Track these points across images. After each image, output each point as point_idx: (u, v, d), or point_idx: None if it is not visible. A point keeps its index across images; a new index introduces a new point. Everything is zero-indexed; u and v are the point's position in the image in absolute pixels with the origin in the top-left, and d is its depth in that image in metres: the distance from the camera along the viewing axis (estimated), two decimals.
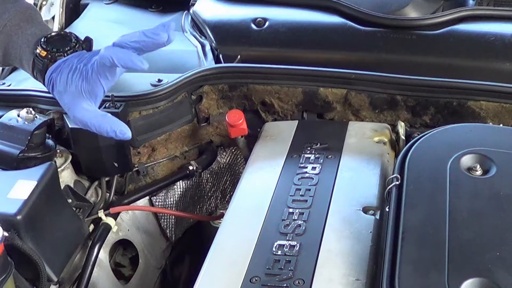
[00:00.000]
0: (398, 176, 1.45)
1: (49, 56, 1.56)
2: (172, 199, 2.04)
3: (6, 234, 1.43)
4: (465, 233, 1.30)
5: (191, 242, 2.18)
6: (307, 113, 1.97)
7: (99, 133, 1.54)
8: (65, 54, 1.57)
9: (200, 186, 2.12)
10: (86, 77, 1.50)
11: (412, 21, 2.08)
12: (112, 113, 1.73)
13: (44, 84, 1.60)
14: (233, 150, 2.12)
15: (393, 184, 1.44)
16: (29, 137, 1.70)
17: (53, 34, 1.61)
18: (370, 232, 1.46)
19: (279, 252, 1.42)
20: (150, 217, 2.05)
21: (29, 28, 1.61)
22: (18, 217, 1.50)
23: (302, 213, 1.52)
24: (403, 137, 1.78)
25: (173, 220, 2.07)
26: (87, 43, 1.64)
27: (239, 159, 2.13)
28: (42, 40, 1.59)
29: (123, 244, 2.00)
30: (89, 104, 1.52)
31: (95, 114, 1.52)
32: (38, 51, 1.57)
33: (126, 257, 2.03)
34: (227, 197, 2.19)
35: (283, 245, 1.43)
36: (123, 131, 1.53)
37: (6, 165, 1.70)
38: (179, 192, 2.06)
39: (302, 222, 1.50)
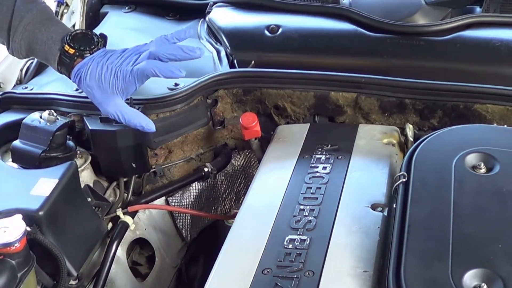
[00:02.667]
0: (405, 173, 1.50)
1: (77, 53, 1.67)
2: (187, 200, 2.09)
3: (28, 229, 1.48)
4: (469, 227, 1.35)
5: (206, 242, 2.22)
6: (319, 116, 2.02)
7: (128, 125, 1.73)
8: (91, 52, 1.69)
9: (214, 188, 2.17)
10: (124, 78, 1.66)
11: (421, 28, 2.13)
12: None
13: (69, 77, 1.72)
14: (247, 153, 2.18)
15: (400, 181, 1.50)
16: (51, 138, 1.77)
17: (77, 32, 1.71)
18: (378, 227, 1.51)
19: (290, 246, 1.47)
20: (166, 217, 2.10)
21: (51, 26, 1.70)
22: (40, 213, 1.55)
23: (313, 210, 1.58)
24: (412, 139, 1.83)
25: (188, 221, 2.12)
26: (104, 40, 1.77)
27: (253, 162, 2.18)
28: (68, 38, 1.68)
29: (140, 243, 2.04)
30: (121, 100, 1.69)
31: (126, 109, 1.70)
32: (66, 48, 1.67)
33: (143, 255, 2.07)
34: (241, 199, 2.21)
35: (294, 239, 1.49)
36: (149, 125, 1.73)
37: (28, 164, 1.76)
38: (195, 193, 2.11)
39: (312, 218, 1.55)
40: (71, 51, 1.68)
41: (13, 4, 1.66)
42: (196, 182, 2.10)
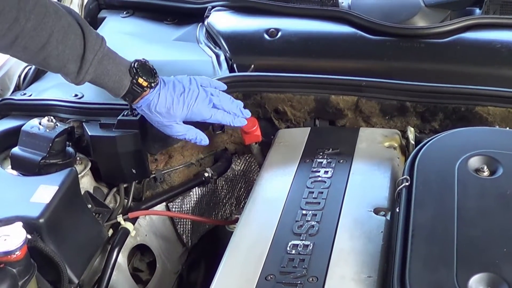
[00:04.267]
0: (408, 177, 1.49)
1: (149, 86, 1.75)
2: (188, 205, 2.09)
3: (29, 236, 1.47)
4: (473, 231, 1.33)
5: (206, 247, 2.22)
6: (319, 120, 2.01)
7: (189, 141, 1.85)
8: (156, 82, 1.78)
9: (215, 193, 2.16)
10: (197, 112, 1.80)
11: (421, 30, 2.11)
12: (131, 121, 1.81)
13: (131, 103, 1.79)
14: (248, 158, 2.17)
15: (403, 185, 1.48)
16: (50, 144, 1.76)
17: (139, 63, 1.76)
18: (381, 232, 1.50)
19: (293, 251, 1.46)
20: (167, 223, 2.09)
21: (115, 57, 1.75)
22: (41, 220, 1.55)
23: (315, 215, 1.57)
24: (413, 142, 1.81)
25: (189, 226, 2.12)
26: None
27: (254, 166, 2.17)
28: (137, 70, 1.74)
29: (141, 249, 2.03)
30: (182, 122, 1.81)
31: (188, 128, 1.82)
32: (140, 81, 1.74)
33: (144, 262, 2.06)
34: (242, 203, 2.23)
35: (297, 244, 1.48)
36: (206, 139, 1.86)
37: (28, 171, 1.75)
38: (195, 199, 2.10)
39: (315, 223, 1.54)
40: (145, 83, 1.74)
41: (82, 37, 1.66)
42: (196, 187, 2.09)
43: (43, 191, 1.62)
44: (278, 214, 1.59)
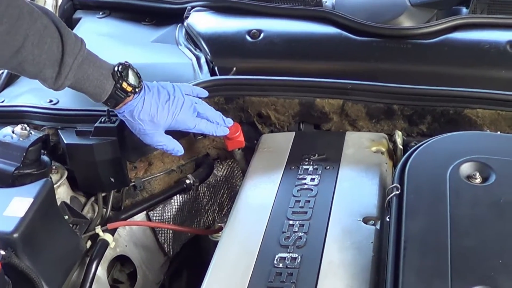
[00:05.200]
0: (398, 185, 1.45)
1: (133, 90, 1.69)
2: (169, 214, 2.03)
3: (3, 252, 1.42)
4: (467, 241, 1.29)
5: (189, 256, 2.17)
6: (304, 124, 1.96)
7: (166, 151, 1.79)
8: (141, 88, 1.72)
9: (197, 200, 2.11)
10: (182, 121, 1.76)
11: (407, 31, 2.08)
12: (108, 128, 1.76)
13: (113, 109, 1.72)
14: (230, 163, 2.12)
15: (394, 193, 1.44)
16: (24, 154, 1.70)
17: (123, 66, 1.69)
18: (371, 242, 1.45)
19: (281, 265, 1.41)
20: (148, 232, 2.03)
21: (95, 60, 1.67)
22: (15, 235, 1.48)
23: (303, 225, 1.51)
24: (401, 146, 1.78)
25: (171, 235, 2.06)
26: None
27: (236, 171, 2.12)
28: (121, 74, 1.68)
29: (121, 260, 1.98)
30: (163, 133, 1.76)
31: (169, 139, 1.78)
32: (124, 86, 1.67)
33: (124, 273, 2.00)
34: (225, 210, 2.18)
35: (285, 257, 1.42)
36: (181, 150, 1.80)
37: (1, 182, 1.68)
38: (176, 206, 2.04)
39: (302, 234, 1.49)
40: (129, 88, 1.68)
41: (60, 41, 1.58)
42: (177, 195, 2.04)
43: (17, 204, 1.56)
44: (264, 224, 1.54)
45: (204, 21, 2.26)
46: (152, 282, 2.04)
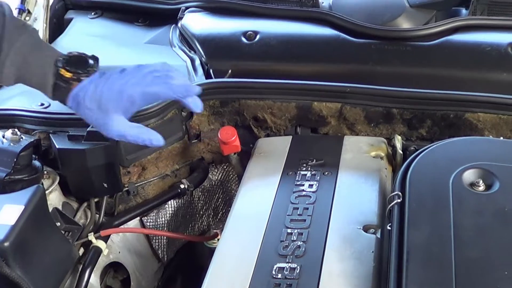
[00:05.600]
0: (400, 193, 1.41)
1: (74, 77, 1.55)
2: (163, 219, 1.99)
3: None
4: (471, 252, 1.26)
5: (183, 262, 2.13)
6: (301, 127, 1.93)
7: (135, 143, 1.56)
8: (88, 75, 1.57)
9: (192, 205, 2.07)
10: (129, 98, 1.53)
11: (407, 32, 2.05)
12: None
13: (65, 103, 1.58)
14: (225, 167, 2.08)
15: (395, 201, 1.41)
16: (15, 159, 1.65)
17: (71, 55, 1.59)
18: (372, 252, 1.42)
19: (279, 276, 1.37)
20: (142, 238, 2.00)
21: (44, 50, 1.59)
22: (6, 244, 1.45)
23: (301, 234, 1.48)
24: (400, 151, 1.75)
25: (164, 241, 2.02)
26: (97, 62, 1.64)
27: (231, 175, 2.09)
28: (62, 61, 1.56)
29: (114, 266, 1.94)
30: (123, 119, 1.55)
31: (132, 127, 1.56)
32: (62, 72, 1.55)
33: (117, 279, 1.97)
34: (220, 215, 2.15)
35: (283, 267, 1.39)
36: (158, 139, 1.58)
37: None
38: (171, 212, 2.01)
39: (301, 243, 1.45)
40: (68, 75, 1.55)
41: (1, 27, 1.53)
42: (172, 200, 2.00)
43: (8, 211, 1.52)
44: (262, 233, 1.50)
45: (198, 22, 2.22)
46: None
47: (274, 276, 1.37)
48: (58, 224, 1.71)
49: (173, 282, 2.14)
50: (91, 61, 1.60)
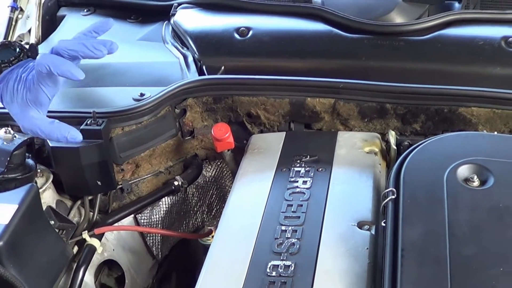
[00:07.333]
0: (394, 190, 1.41)
1: None
2: (157, 216, 1.98)
3: None
4: (466, 249, 1.26)
5: (178, 259, 2.13)
6: (295, 123, 1.92)
7: (49, 139, 1.58)
8: (10, 64, 1.56)
9: (186, 202, 2.07)
10: (29, 87, 1.52)
11: (399, 27, 2.04)
12: (94, 130, 1.71)
13: None
14: (219, 163, 2.08)
15: (389, 198, 1.41)
16: (8, 158, 1.64)
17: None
18: (367, 248, 1.42)
19: (274, 273, 1.37)
20: (136, 235, 1.99)
21: None
22: (0, 243, 1.44)
23: (295, 231, 1.47)
24: (394, 146, 1.74)
25: (159, 238, 2.02)
26: (33, 51, 1.63)
27: (225, 172, 2.09)
28: None
29: (108, 264, 1.93)
30: (37, 113, 1.55)
31: (43, 122, 1.56)
32: None
33: (112, 277, 1.96)
34: (214, 211, 2.15)
35: (278, 265, 1.38)
36: (74, 135, 1.58)
37: None
38: (165, 209, 2.00)
39: (295, 240, 1.45)
40: None
41: None
42: (166, 197, 1.99)
43: (2, 211, 1.51)
44: (256, 230, 1.49)
45: (191, 19, 2.22)
46: (141, 286, 1.99)
47: (269, 273, 1.36)
48: (52, 222, 1.70)
49: (167, 279, 2.13)
50: (18, 50, 1.58)
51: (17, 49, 1.61)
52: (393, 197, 1.40)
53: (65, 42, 1.57)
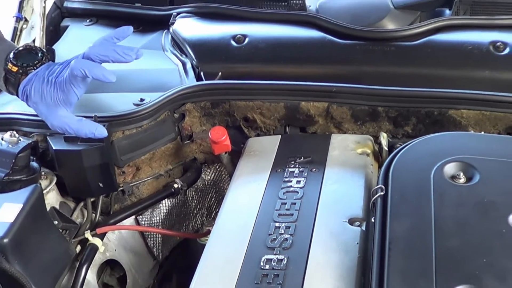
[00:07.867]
0: (383, 186, 1.46)
1: (20, 70, 1.63)
2: (158, 218, 2.03)
3: None
4: (451, 241, 1.30)
5: (178, 260, 2.17)
6: (290, 127, 1.98)
7: (78, 135, 1.67)
8: (35, 68, 1.64)
9: (185, 204, 2.12)
10: (61, 88, 1.61)
11: (391, 33, 2.09)
12: None
13: (18, 96, 1.67)
14: (217, 167, 2.13)
15: (378, 195, 1.45)
16: (13, 160, 1.70)
17: (20, 49, 1.65)
18: (357, 243, 1.47)
19: (267, 267, 1.42)
20: (137, 236, 2.04)
21: None
22: (5, 240, 1.49)
23: (289, 227, 1.53)
24: (386, 148, 1.79)
25: (160, 239, 2.07)
26: (51, 54, 1.72)
27: (224, 175, 2.13)
28: (11, 56, 1.62)
29: (110, 264, 1.98)
30: (65, 111, 1.65)
31: (72, 120, 1.66)
32: (9, 66, 1.62)
33: (114, 277, 2.01)
34: (213, 214, 2.19)
35: (271, 259, 1.44)
36: (101, 131, 1.69)
37: None
38: (165, 211, 2.05)
39: (288, 236, 1.50)
40: (14, 69, 1.63)
41: None
42: (166, 199, 2.04)
43: (7, 210, 1.56)
44: (251, 227, 1.55)
45: (189, 27, 2.27)
46: (142, 286, 2.04)
47: (262, 267, 1.42)
48: (56, 222, 1.75)
49: (168, 280, 2.18)
50: (40, 54, 1.65)
51: (39, 53, 1.68)
52: (382, 193, 1.45)
53: (96, 48, 1.68)
